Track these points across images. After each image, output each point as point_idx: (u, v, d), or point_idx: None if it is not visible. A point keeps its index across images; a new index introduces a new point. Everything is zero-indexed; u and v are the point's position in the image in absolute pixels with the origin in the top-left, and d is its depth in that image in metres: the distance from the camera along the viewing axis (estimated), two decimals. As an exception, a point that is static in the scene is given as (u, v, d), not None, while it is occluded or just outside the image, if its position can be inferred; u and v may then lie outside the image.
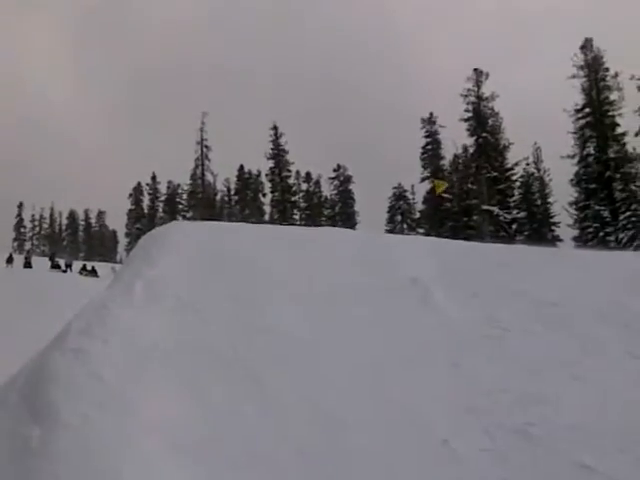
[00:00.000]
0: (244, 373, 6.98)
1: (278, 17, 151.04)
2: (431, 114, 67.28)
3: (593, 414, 6.65)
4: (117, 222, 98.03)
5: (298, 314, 8.47)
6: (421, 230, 69.66)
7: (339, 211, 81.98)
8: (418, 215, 74.30)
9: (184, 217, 77.98)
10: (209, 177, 72.56)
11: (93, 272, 45.35)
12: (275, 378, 6.95)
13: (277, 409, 6.49)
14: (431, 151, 66.35)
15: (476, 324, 8.75)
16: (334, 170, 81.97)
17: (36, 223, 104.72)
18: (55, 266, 45.59)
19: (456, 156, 64.09)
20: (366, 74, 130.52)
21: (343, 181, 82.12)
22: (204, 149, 69.93)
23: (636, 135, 50.35)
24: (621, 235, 47.77)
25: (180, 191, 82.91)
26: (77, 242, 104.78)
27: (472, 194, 55.63)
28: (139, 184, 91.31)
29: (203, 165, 70.29)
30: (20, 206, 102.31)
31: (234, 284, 9.05)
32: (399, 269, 10.39)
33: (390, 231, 75.36)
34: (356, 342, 7.91)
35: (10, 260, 44.28)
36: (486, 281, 10.16)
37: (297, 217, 76.69)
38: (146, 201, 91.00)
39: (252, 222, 64.97)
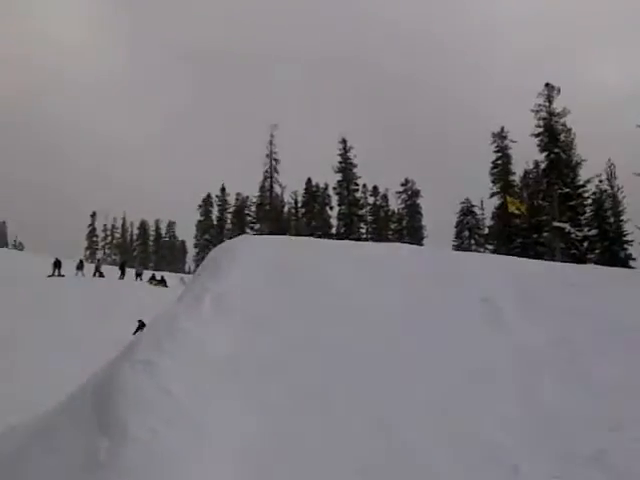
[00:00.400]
0: (311, 390, 6.95)
1: (356, 33, 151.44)
2: (502, 128, 66.29)
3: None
4: (186, 233, 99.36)
5: (365, 331, 8.41)
6: (489, 246, 68.77)
7: (406, 225, 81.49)
8: (486, 231, 73.46)
9: (252, 229, 78.59)
10: (277, 189, 73.16)
11: (162, 282, 45.87)
12: (341, 395, 6.91)
13: (342, 426, 6.44)
14: (501, 166, 65.41)
15: (547, 345, 8.55)
16: (402, 184, 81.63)
17: (108, 232, 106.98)
18: (122, 273, 46.12)
19: (527, 172, 63.24)
20: (437, 87, 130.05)
21: (411, 195, 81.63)
22: (273, 162, 70.52)
23: None
24: (697, 255, 46.37)
25: (249, 203, 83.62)
26: (147, 252, 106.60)
27: (543, 210, 54.71)
28: (209, 195, 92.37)
29: (272, 178, 70.80)
30: (93, 215, 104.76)
31: (301, 299, 9.03)
32: (470, 287, 10.24)
33: (457, 246, 74.62)
34: (425, 362, 7.80)
35: (80, 266, 44.77)
36: (559, 302, 9.92)
37: (364, 231, 76.41)
38: (215, 212, 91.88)
39: (319, 235, 65.21)
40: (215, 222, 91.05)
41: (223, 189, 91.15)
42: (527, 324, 9.17)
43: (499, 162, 66.01)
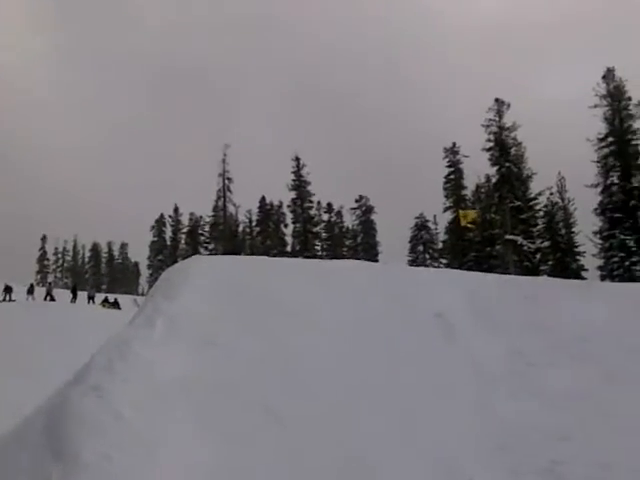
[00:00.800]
0: (264, 410, 6.89)
1: (300, 48, 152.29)
2: (454, 144, 67.13)
3: (623, 452, 6.47)
4: (139, 254, 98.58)
5: (320, 349, 8.38)
6: (444, 260, 69.36)
7: (361, 242, 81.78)
8: (440, 245, 74.04)
9: (206, 249, 78.21)
10: (231, 209, 72.89)
11: (115, 304, 45.34)
12: (296, 415, 6.85)
13: (297, 447, 6.38)
14: (454, 181, 66.15)
15: (501, 359, 8.62)
16: (356, 200, 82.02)
17: (59, 256, 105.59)
18: (74, 297, 45.37)
19: (478, 186, 63.99)
20: (388, 104, 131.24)
21: (365, 211, 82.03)
22: (226, 181, 70.22)
23: (661, 164, 50.08)
24: (647, 265, 47.24)
25: (202, 223, 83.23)
26: (99, 274, 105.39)
27: (495, 224, 55.40)
28: (161, 216, 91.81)
29: (225, 197, 70.43)
30: (43, 239, 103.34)
31: (255, 318, 8.97)
32: (424, 302, 10.29)
33: (412, 261, 75.11)
34: (379, 378, 7.81)
35: (31, 291, 43.97)
36: (512, 315, 10.03)
37: (319, 248, 76.42)
38: (168, 233, 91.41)
39: (274, 253, 65.16)
40: (168, 243, 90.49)
41: (176, 209, 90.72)
42: (481, 338, 9.23)
43: (451, 177, 66.84)
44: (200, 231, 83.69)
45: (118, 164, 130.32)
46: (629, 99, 51.90)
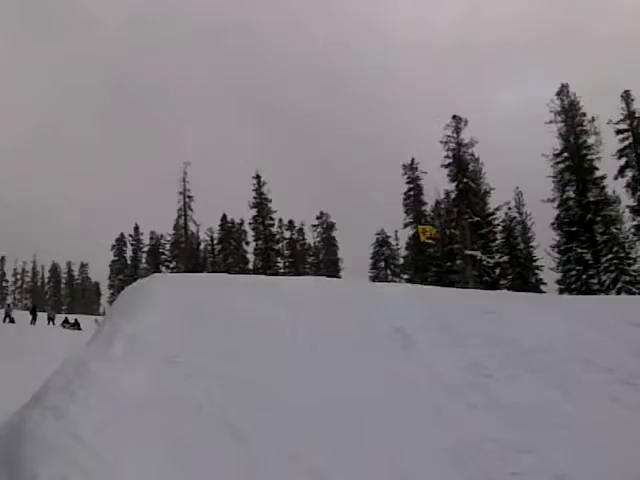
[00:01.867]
0: (225, 428, 6.87)
1: (260, 64, 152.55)
2: (412, 160, 67.78)
3: (579, 463, 6.57)
4: (100, 274, 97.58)
5: (280, 365, 8.39)
6: (405, 276, 69.71)
7: (323, 258, 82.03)
8: (402, 261, 74.43)
9: (167, 267, 77.82)
10: (192, 227, 72.59)
11: (76, 325, 44.85)
12: (257, 432, 6.84)
13: (258, 464, 6.37)
14: (413, 197, 66.68)
15: (459, 371, 8.69)
16: (317, 217, 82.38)
17: (18, 277, 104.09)
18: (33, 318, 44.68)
19: (438, 202, 64.56)
20: (348, 122, 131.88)
21: (326, 228, 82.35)
22: (187, 199, 69.95)
23: (615, 178, 51.03)
24: (603, 278, 47.90)
25: (163, 242, 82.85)
26: (59, 295, 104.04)
27: (455, 239, 55.88)
28: (122, 235, 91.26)
29: (186, 215, 70.12)
30: (2, 260, 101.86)
31: (215, 336, 8.96)
32: (384, 318, 10.35)
33: (374, 277, 75.39)
34: (338, 392, 7.82)
35: (-12, 312, 43.39)
36: (470, 328, 10.13)
37: (281, 265, 76.48)
38: (129, 252, 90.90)
39: (235, 271, 64.87)
40: (129, 262, 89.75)
41: (136, 228, 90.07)
42: (440, 351, 9.32)
43: (411, 193, 67.36)
44: (161, 250, 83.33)
45: (77, 183, 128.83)
46: (583, 115, 52.92)
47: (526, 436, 7.09)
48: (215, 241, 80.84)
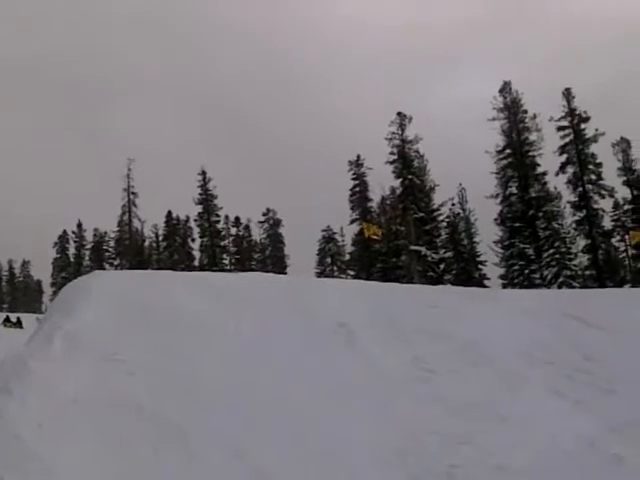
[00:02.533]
0: (167, 425, 6.83)
1: (192, 61, 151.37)
2: (358, 156, 67.93)
3: (518, 454, 6.70)
4: (42, 272, 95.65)
5: (223, 362, 8.37)
6: (351, 272, 70.00)
7: (269, 255, 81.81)
8: (348, 257, 74.70)
9: (111, 265, 76.82)
10: (136, 224, 71.86)
11: (18, 323, 44.08)
12: (199, 428, 6.81)
13: (201, 460, 6.36)
14: (359, 193, 67.01)
15: (402, 366, 8.77)
16: (263, 214, 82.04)
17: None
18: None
19: (384, 198, 65.01)
20: (296, 119, 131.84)
21: (273, 224, 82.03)
22: (131, 196, 69.19)
23: (556, 174, 52.15)
24: (545, 272, 48.85)
25: (107, 238, 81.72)
26: (1, 293, 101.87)
27: (400, 235, 56.37)
28: (64, 232, 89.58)
29: (130, 212, 69.41)
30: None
31: (157, 333, 8.87)
32: (327, 313, 10.37)
33: (320, 273, 75.41)
34: (282, 389, 7.83)
35: None
36: (413, 323, 10.21)
37: (227, 262, 76.06)
38: (72, 250, 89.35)
39: (181, 268, 64.40)
40: (72, 259, 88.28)
41: (79, 225, 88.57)
42: (383, 346, 9.38)
43: (357, 189, 67.60)
44: (105, 247, 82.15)
45: (17, 177, 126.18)
46: (525, 112, 53.87)
47: (466, 428, 7.19)
48: (160, 238, 79.96)
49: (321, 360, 8.74)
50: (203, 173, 72.76)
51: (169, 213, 78.74)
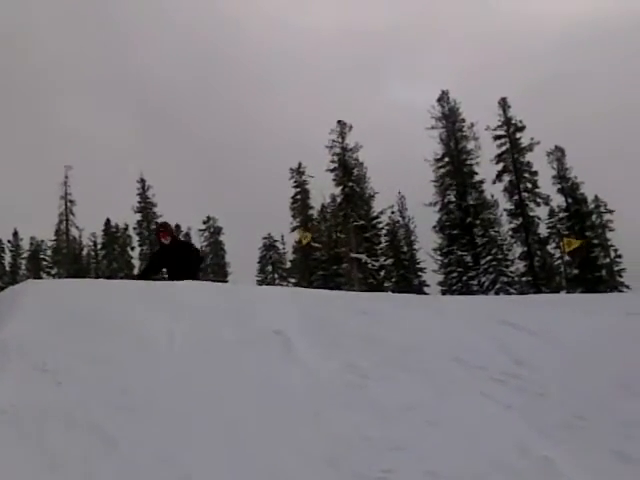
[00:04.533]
0: (95, 434, 6.74)
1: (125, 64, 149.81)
2: (299, 164, 68.34)
3: (449, 459, 6.79)
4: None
5: (155, 370, 8.30)
6: (292, 280, 70.14)
7: (210, 263, 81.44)
8: (289, 265, 74.82)
9: (49, 274, 75.49)
10: (74, 232, 70.90)
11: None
12: (128, 438, 6.73)
13: (128, 470, 6.29)
14: (300, 201, 67.25)
15: (336, 373, 8.79)
16: (204, 222, 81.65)
17: None
18: None
19: (324, 205, 65.38)
20: (235, 125, 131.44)
21: (213, 232, 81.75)
22: (68, 203, 68.24)
23: (493, 183, 53.25)
24: (483, 279, 49.78)
25: (44, 247, 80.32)
26: None
27: (341, 243, 56.71)
28: (0, 241, 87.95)
29: (67, 220, 68.48)
30: None
31: (89, 343, 8.75)
32: (263, 320, 10.34)
33: (261, 281, 75.35)
34: (215, 397, 7.78)
35: None
36: (347, 329, 10.26)
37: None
38: (8, 259, 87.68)
39: (121, 276, 63.63)
40: (8, 269, 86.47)
41: (15, 233, 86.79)
42: (318, 353, 9.38)
43: (298, 197, 67.86)
44: (42, 255, 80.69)
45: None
46: (463, 121, 54.89)
47: (399, 434, 7.23)
48: (99, 246, 78.99)
49: (256, 368, 8.71)
50: (142, 181, 72.26)
51: (107, 221, 77.90)
